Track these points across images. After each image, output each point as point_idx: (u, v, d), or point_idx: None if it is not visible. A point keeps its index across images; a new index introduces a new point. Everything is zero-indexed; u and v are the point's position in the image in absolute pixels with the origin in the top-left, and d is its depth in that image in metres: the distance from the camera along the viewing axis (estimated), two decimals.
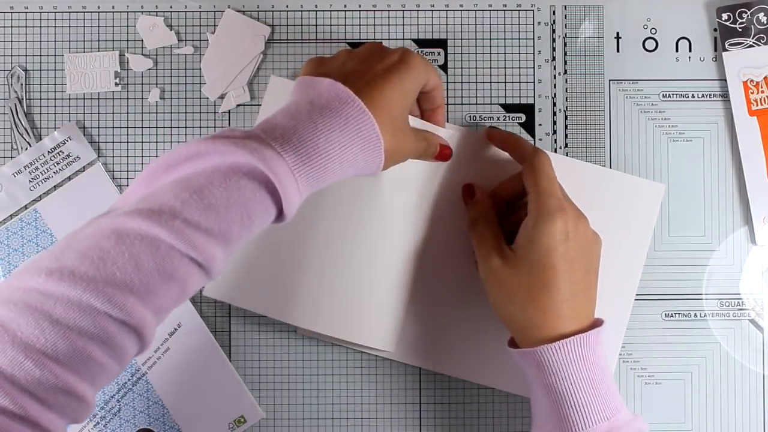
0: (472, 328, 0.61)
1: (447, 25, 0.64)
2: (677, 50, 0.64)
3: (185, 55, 0.64)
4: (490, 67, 0.64)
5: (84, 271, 0.41)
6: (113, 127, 0.64)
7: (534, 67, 0.64)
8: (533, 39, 0.64)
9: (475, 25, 0.64)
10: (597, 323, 0.54)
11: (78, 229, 0.44)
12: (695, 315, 0.64)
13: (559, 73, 0.64)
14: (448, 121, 0.64)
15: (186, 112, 0.64)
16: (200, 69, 0.64)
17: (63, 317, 0.40)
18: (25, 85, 0.64)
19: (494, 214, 0.58)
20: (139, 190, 0.46)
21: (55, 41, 0.64)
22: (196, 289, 0.45)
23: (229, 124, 0.64)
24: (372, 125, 0.49)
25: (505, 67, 0.64)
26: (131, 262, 0.42)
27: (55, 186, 0.63)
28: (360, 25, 0.64)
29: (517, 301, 0.53)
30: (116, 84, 0.64)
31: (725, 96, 0.64)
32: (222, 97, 0.64)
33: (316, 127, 0.47)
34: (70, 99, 0.64)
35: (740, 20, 0.63)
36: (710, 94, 0.64)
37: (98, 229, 0.43)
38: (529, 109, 0.64)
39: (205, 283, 0.46)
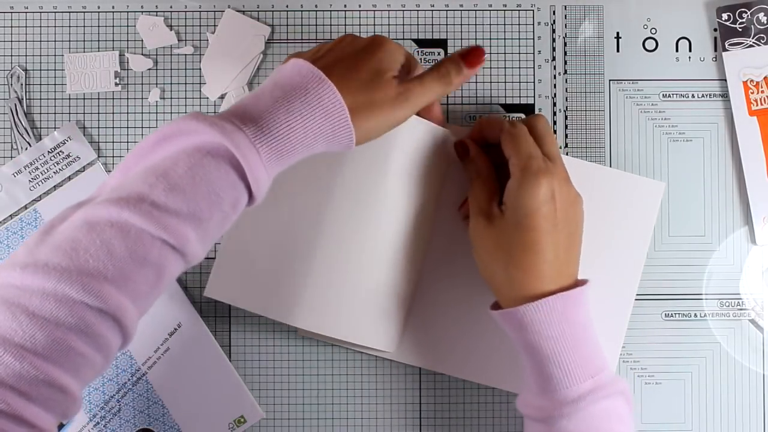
0: (473, 328, 0.61)
1: (447, 25, 0.64)
2: (677, 50, 0.65)
3: (185, 55, 0.64)
4: (490, 67, 0.64)
5: (57, 263, 0.41)
6: (113, 127, 0.64)
7: (534, 67, 0.64)
8: (533, 39, 0.64)
9: (475, 25, 0.64)
10: (580, 283, 0.54)
11: (52, 220, 0.44)
12: (695, 315, 0.64)
13: (559, 73, 0.64)
14: (448, 122, 0.64)
15: (186, 112, 0.64)
16: (200, 69, 0.64)
17: (40, 309, 0.41)
18: (25, 85, 0.64)
19: (490, 171, 0.57)
20: (111, 182, 0.46)
21: (55, 41, 0.64)
22: (174, 273, 0.46)
23: None
24: (333, 93, 0.48)
25: (505, 67, 0.64)
26: (103, 249, 0.42)
27: (55, 186, 0.63)
28: (360, 25, 0.64)
29: (499, 260, 0.53)
30: (116, 84, 0.64)
31: (725, 96, 0.64)
32: (222, 97, 0.64)
33: (276, 101, 0.47)
34: (70, 99, 0.64)
35: (740, 20, 0.63)
36: (710, 94, 0.64)
37: (70, 222, 0.43)
38: (529, 109, 0.64)
39: (184, 267, 0.46)
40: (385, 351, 0.60)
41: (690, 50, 0.65)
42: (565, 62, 0.64)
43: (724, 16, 0.64)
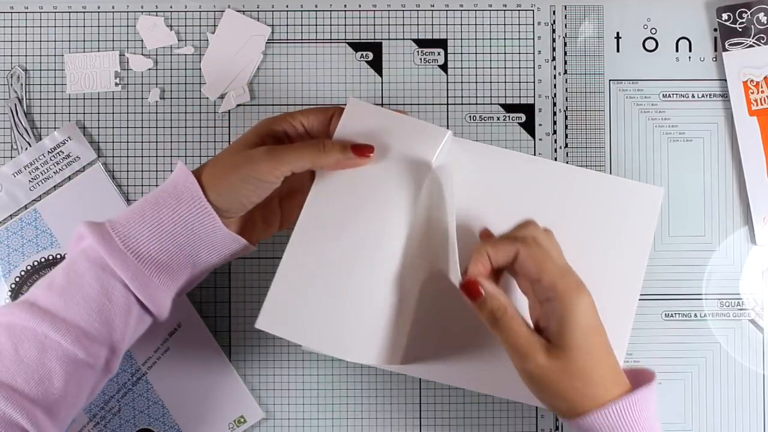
0: (476, 339, 0.58)
1: (447, 25, 0.64)
2: (677, 50, 0.65)
3: (185, 55, 0.64)
4: (490, 67, 0.64)
5: None
6: (113, 127, 0.64)
7: (534, 67, 0.64)
8: (533, 39, 0.64)
9: (475, 25, 0.64)
10: (642, 380, 0.51)
11: None
12: (695, 315, 0.64)
13: (559, 73, 0.64)
14: (448, 122, 0.64)
15: (186, 112, 0.64)
16: (200, 69, 0.64)
17: None
18: (25, 85, 0.64)
19: (513, 305, 0.51)
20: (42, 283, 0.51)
21: (55, 41, 0.64)
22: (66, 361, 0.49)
23: (229, 124, 0.64)
24: (183, 170, 0.52)
25: (505, 67, 0.64)
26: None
27: (55, 186, 0.63)
28: (360, 25, 0.64)
29: (566, 393, 0.49)
30: (116, 84, 0.64)
31: (725, 96, 0.64)
32: (222, 97, 0.64)
33: (146, 199, 0.52)
34: (70, 99, 0.64)
35: (740, 20, 0.63)
36: (710, 94, 0.64)
37: None
38: (529, 109, 0.64)
39: (70, 352, 0.49)
40: (391, 366, 0.57)
41: (690, 50, 0.65)
42: (565, 62, 0.64)
43: (724, 16, 0.64)
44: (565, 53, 0.65)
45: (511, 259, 0.50)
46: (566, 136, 0.64)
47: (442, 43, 0.64)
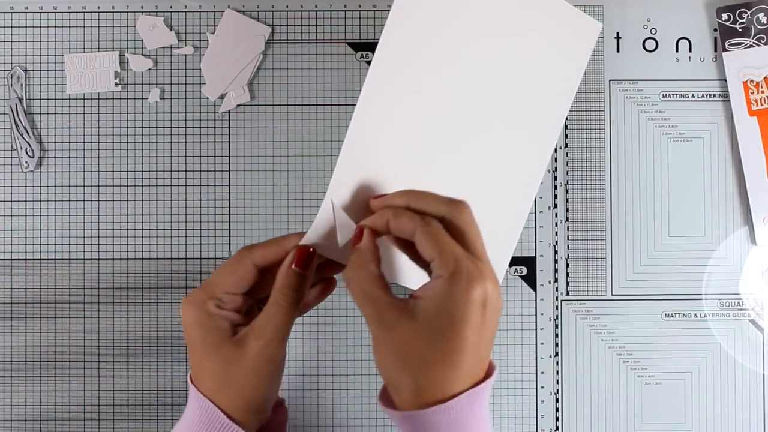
0: None
1: None
2: (677, 50, 0.65)
3: (185, 55, 0.64)
4: None
5: None
6: (113, 127, 0.64)
7: None
8: None
9: None
10: (488, 371, 0.47)
11: None
12: (695, 315, 0.64)
13: None
14: None
15: (186, 112, 0.64)
16: (200, 69, 0.64)
17: None
18: (25, 85, 0.64)
19: (377, 263, 0.48)
20: None
21: (55, 41, 0.64)
22: None
23: (229, 124, 0.64)
24: (189, 384, 0.50)
25: None
26: None
27: None
28: (360, 25, 0.64)
29: (408, 366, 0.44)
30: (116, 84, 0.64)
31: (725, 96, 0.64)
32: (222, 97, 0.64)
33: None
34: (70, 99, 0.64)
35: (740, 20, 0.63)
36: (710, 94, 0.64)
37: None
38: None
39: None
40: None
41: (690, 50, 0.65)
42: None
43: (724, 16, 0.64)
44: None
45: (409, 232, 0.47)
46: (566, 136, 0.64)
47: None
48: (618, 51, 0.65)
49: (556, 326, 0.64)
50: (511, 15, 0.56)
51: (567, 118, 0.64)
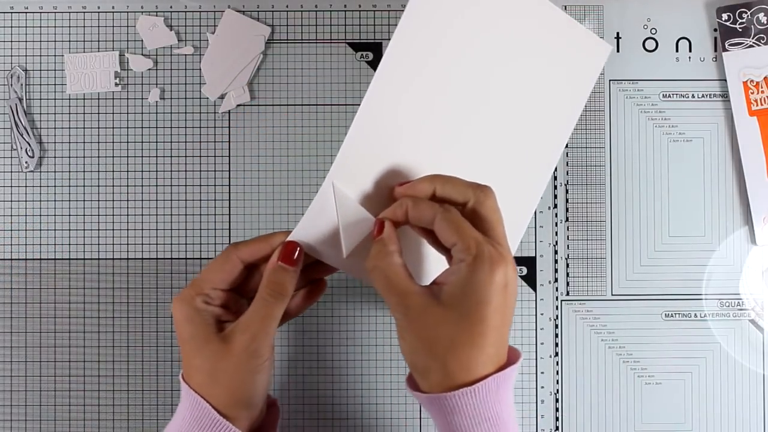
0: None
1: None
2: (677, 50, 0.65)
3: (185, 55, 0.64)
4: None
5: None
6: (113, 127, 0.64)
7: None
8: None
9: None
10: (511, 358, 0.48)
11: None
12: (695, 315, 0.64)
13: None
14: None
15: (186, 112, 0.64)
16: (200, 69, 0.64)
17: None
18: (25, 85, 0.64)
19: (400, 253, 0.49)
20: None
21: (55, 41, 0.64)
22: None
23: (229, 124, 0.64)
24: (181, 381, 0.51)
25: None
26: None
27: None
28: (360, 25, 0.64)
29: (437, 354, 0.46)
30: (116, 84, 0.64)
31: (725, 96, 0.64)
32: (222, 97, 0.64)
33: None
34: (70, 99, 0.64)
35: (740, 20, 0.63)
36: (710, 94, 0.64)
37: None
38: None
39: None
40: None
41: (690, 50, 0.65)
42: None
43: (724, 16, 0.64)
44: None
45: (429, 220, 0.48)
46: None
47: None
48: (618, 51, 0.65)
49: (556, 326, 0.64)
50: (524, 29, 0.56)
51: None
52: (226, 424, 0.49)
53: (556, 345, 0.64)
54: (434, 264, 0.53)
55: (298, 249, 0.51)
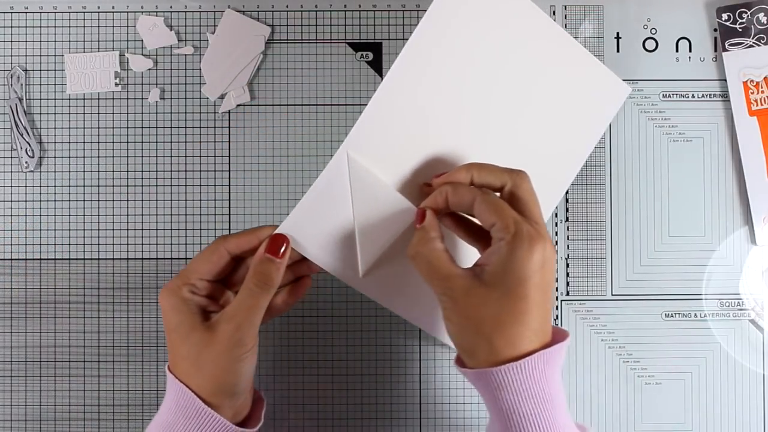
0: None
1: None
2: (677, 50, 0.65)
3: (185, 55, 0.64)
4: None
5: None
6: (113, 127, 0.64)
7: None
8: None
9: None
10: (558, 337, 0.49)
11: None
12: (695, 315, 0.64)
13: None
14: None
15: (186, 112, 0.64)
16: (200, 69, 0.64)
17: None
18: (25, 85, 0.64)
19: (441, 239, 0.51)
20: None
21: (55, 41, 0.64)
22: None
23: (229, 124, 0.64)
24: (167, 372, 0.52)
25: None
26: None
27: None
28: (360, 25, 0.64)
29: (482, 330, 0.47)
30: (116, 84, 0.64)
31: (725, 96, 0.64)
32: (222, 97, 0.64)
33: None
34: (70, 99, 0.64)
35: (740, 20, 0.63)
36: (710, 94, 0.64)
37: None
38: None
39: None
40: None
41: (690, 50, 0.65)
42: None
43: (724, 16, 0.64)
44: None
45: (468, 203, 0.50)
46: None
47: None
48: (618, 51, 0.65)
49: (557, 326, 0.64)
50: (546, 61, 0.58)
51: None
52: (210, 413, 0.50)
53: None
54: (470, 255, 0.55)
55: (286, 243, 0.52)
